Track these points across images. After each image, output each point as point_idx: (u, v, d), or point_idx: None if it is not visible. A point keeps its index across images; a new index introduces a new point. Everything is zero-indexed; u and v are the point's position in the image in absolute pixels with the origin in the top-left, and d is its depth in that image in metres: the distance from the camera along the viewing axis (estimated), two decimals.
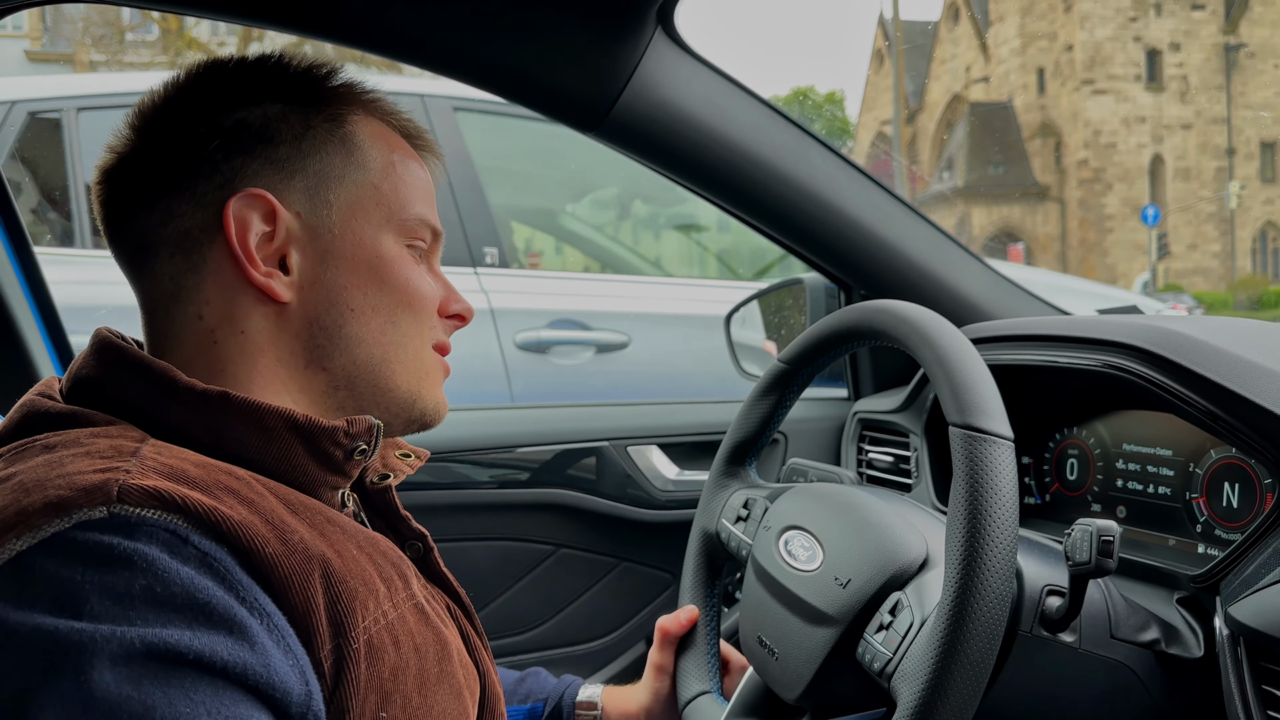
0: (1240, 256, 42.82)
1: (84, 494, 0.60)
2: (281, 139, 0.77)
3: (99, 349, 0.73)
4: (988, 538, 0.72)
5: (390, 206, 0.81)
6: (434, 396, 0.84)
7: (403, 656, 0.71)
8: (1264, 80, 44.05)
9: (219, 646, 0.58)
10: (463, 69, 1.15)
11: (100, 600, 0.56)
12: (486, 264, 3.06)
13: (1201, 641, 0.91)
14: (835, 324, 0.98)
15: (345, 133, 0.80)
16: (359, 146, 0.80)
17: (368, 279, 0.79)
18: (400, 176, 0.82)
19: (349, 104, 0.82)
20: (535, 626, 1.52)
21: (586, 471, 1.53)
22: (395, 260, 0.80)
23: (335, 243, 0.78)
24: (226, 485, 0.66)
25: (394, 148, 0.83)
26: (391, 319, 0.80)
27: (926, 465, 1.29)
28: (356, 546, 0.73)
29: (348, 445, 0.75)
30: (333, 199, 0.78)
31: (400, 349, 0.80)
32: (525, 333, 2.97)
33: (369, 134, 0.81)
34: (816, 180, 1.32)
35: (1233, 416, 0.92)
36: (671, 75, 1.19)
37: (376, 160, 0.81)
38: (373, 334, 0.79)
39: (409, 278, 0.81)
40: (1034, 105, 43.47)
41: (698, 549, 1.10)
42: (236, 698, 0.58)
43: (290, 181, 0.77)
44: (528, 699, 1.09)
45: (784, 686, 0.89)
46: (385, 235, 0.80)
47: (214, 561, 0.61)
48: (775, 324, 1.79)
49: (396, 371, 0.80)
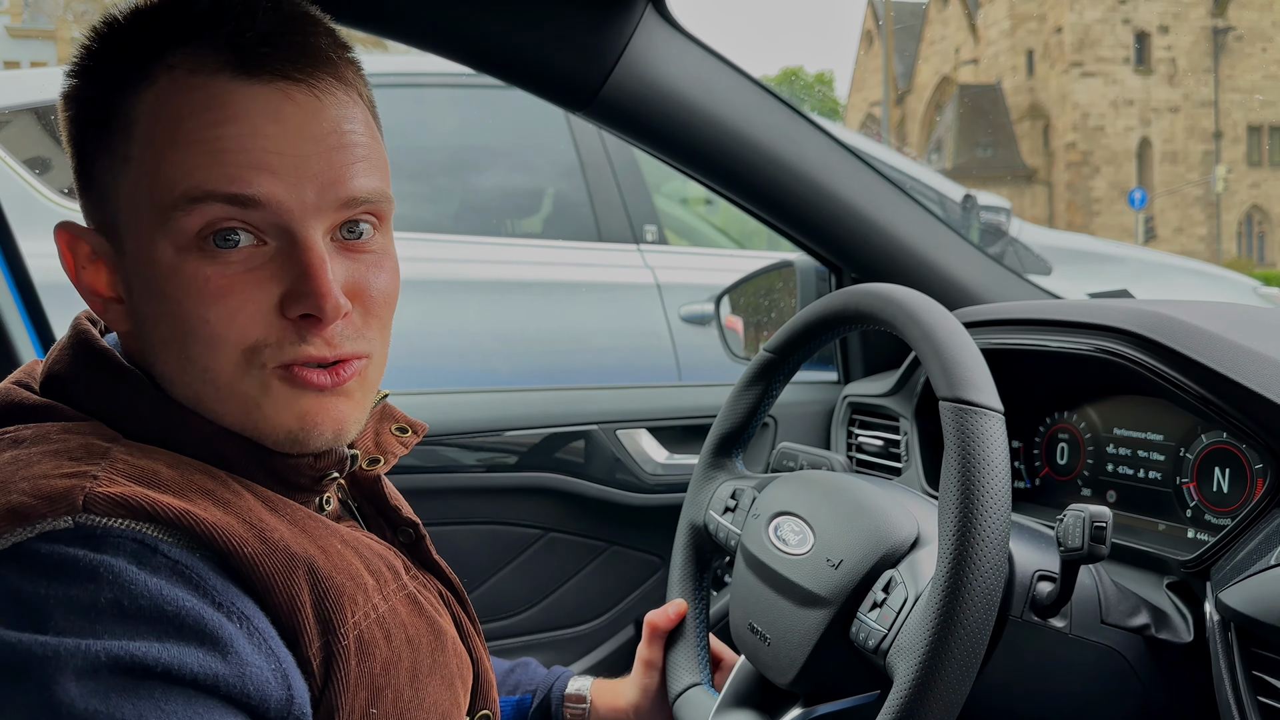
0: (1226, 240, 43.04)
1: (48, 502, 0.58)
2: (75, 141, 0.68)
3: (74, 342, 0.71)
4: (981, 508, 0.72)
5: (153, 194, 0.63)
6: (279, 423, 0.67)
7: (395, 650, 0.70)
8: (1252, 63, 44.16)
9: (189, 658, 0.56)
10: (452, 46, 1.13)
11: (65, 614, 0.55)
12: (648, 240, 3.15)
13: (1191, 627, 0.91)
14: (822, 309, 0.98)
15: (120, 123, 0.65)
16: (129, 133, 0.64)
17: (154, 304, 0.65)
18: (162, 153, 0.63)
19: (149, 60, 0.65)
20: (523, 610, 1.52)
21: (575, 455, 1.52)
22: (172, 273, 0.64)
23: (128, 262, 0.67)
24: (201, 486, 0.64)
25: (178, 99, 0.63)
26: (184, 352, 0.65)
27: (916, 449, 1.28)
28: (341, 541, 0.71)
29: (314, 475, 0.71)
30: (115, 207, 0.66)
31: (207, 384, 0.66)
32: (689, 306, 3.04)
33: (148, 109, 0.64)
34: (808, 161, 1.31)
35: (1224, 401, 0.92)
36: (662, 54, 1.18)
37: (141, 143, 0.64)
38: (175, 372, 0.67)
39: (185, 296, 0.63)
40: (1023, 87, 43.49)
41: (686, 541, 1.10)
42: (209, 705, 0.57)
43: (89, 194, 0.68)
44: (516, 690, 1.08)
45: (776, 672, 0.89)
46: (160, 239, 0.64)
47: (185, 569, 0.59)
48: (765, 306, 1.78)
49: (219, 411, 0.67)
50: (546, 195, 3.48)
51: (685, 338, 3.06)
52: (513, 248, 3.25)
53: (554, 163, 3.31)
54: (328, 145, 0.66)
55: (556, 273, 3.11)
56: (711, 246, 3.84)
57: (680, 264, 3.23)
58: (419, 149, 3.26)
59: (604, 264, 3.13)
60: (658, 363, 3.04)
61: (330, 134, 0.66)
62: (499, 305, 3.01)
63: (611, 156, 3.15)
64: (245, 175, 0.63)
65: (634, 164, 3.21)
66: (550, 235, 3.41)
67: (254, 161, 0.63)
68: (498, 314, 2.98)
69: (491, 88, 3.02)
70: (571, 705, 1.06)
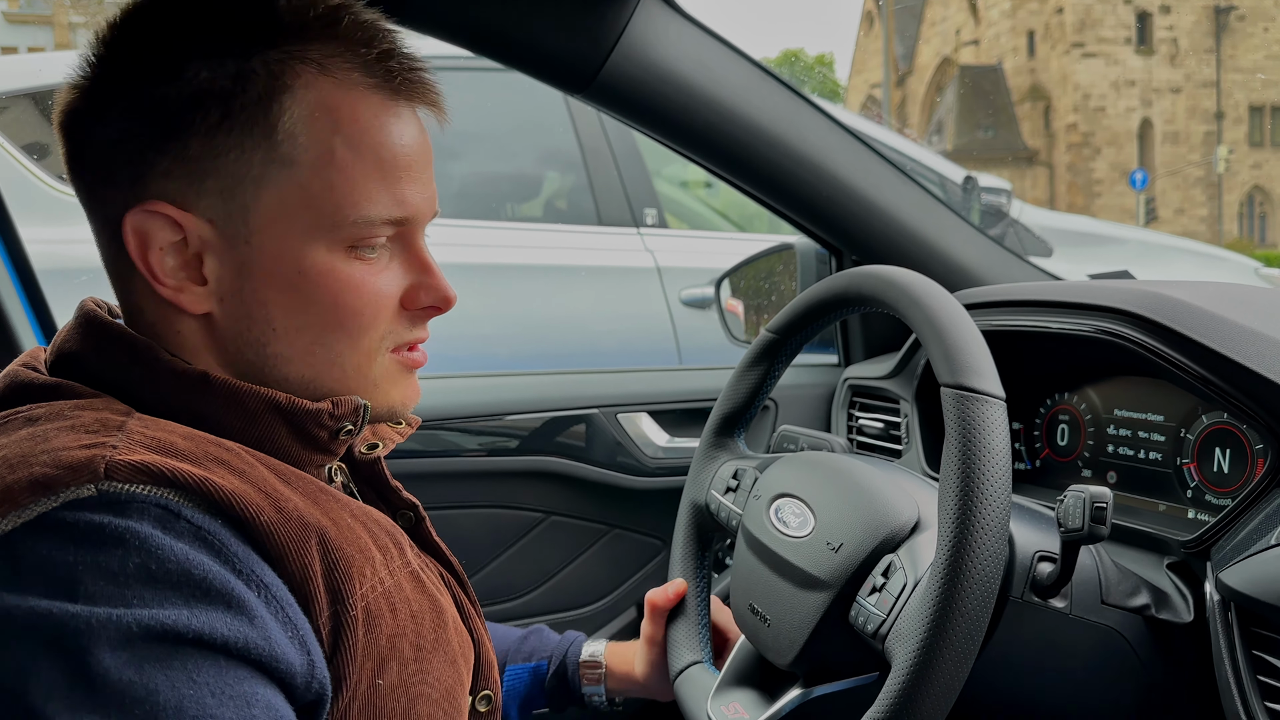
0: (1227, 221, 42.94)
1: (70, 472, 0.58)
2: (194, 130, 0.66)
3: (83, 322, 0.71)
4: (981, 495, 0.72)
5: (321, 210, 0.68)
6: (389, 400, 0.76)
7: (400, 623, 0.71)
8: (1254, 43, 43.94)
9: (218, 623, 0.57)
10: (449, 29, 1.13)
11: (95, 581, 0.55)
12: (648, 224, 3.16)
13: (1191, 607, 0.91)
14: (824, 291, 0.97)
15: (272, 122, 0.67)
16: (287, 136, 0.67)
17: (290, 295, 0.69)
18: (339, 170, 0.68)
19: (290, 58, 0.67)
20: (525, 593, 1.52)
21: (576, 439, 1.52)
22: (325, 275, 0.70)
23: (253, 254, 0.69)
24: (216, 456, 0.64)
25: (340, 126, 0.68)
26: (320, 340, 0.71)
27: (917, 431, 1.28)
28: (351, 515, 0.72)
29: (332, 426, 0.73)
30: (250, 203, 0.68)
31: (334, 367, 0.73)
32: (689, 290, 3.05)
33: (306, 113, 0.67)
34: (808, 143, 1.30)
35: (1225, 381, 0.91)
36: (661, 35, 1.17)
37: (309, 153, 0.68)
38: (300, 354, 0.71)
39: (339, 295, 0.70)
40: (1024, 68, 43.29)
41: (687, 521, 1.10)
42: (240, 675, 0.58)
43: (202, 184, 0.67)
44: (531, 657, 1.09)
45: (776, 653, 0.89)
46: (314, 245, 0.69)
47: (208, 535, 0.60)
48: (765, 289, 1.78)
49: (335, 387, 0.73)
50: (546, 179, 3.47)
51: (685, 321, 3.06)
52: (513, 231, 3.24)
53: (553, 146, 3.30)
54: (431, 164, 0.75)
55: (557, 256, 3.10)
56: (712, 230, 3.83)
57: (680, 247, 3.23)
58: None
59: (604, 248, 3.13)
60: (658, 346, 3.04)
61: (430, 153, 0.75)
62: (499, 289, 3.00)
63: (611, 140, 3.15)
64: (406, 197, 0.72)
65: (634, 147, 3.21)
66: (550, 219, 3.40)
67: (410, 178, 0.72)
68: (498, 298, 2.98)
69: (490, 71, 3.01)
70: (587, 670, 1.08)
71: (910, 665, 0.72)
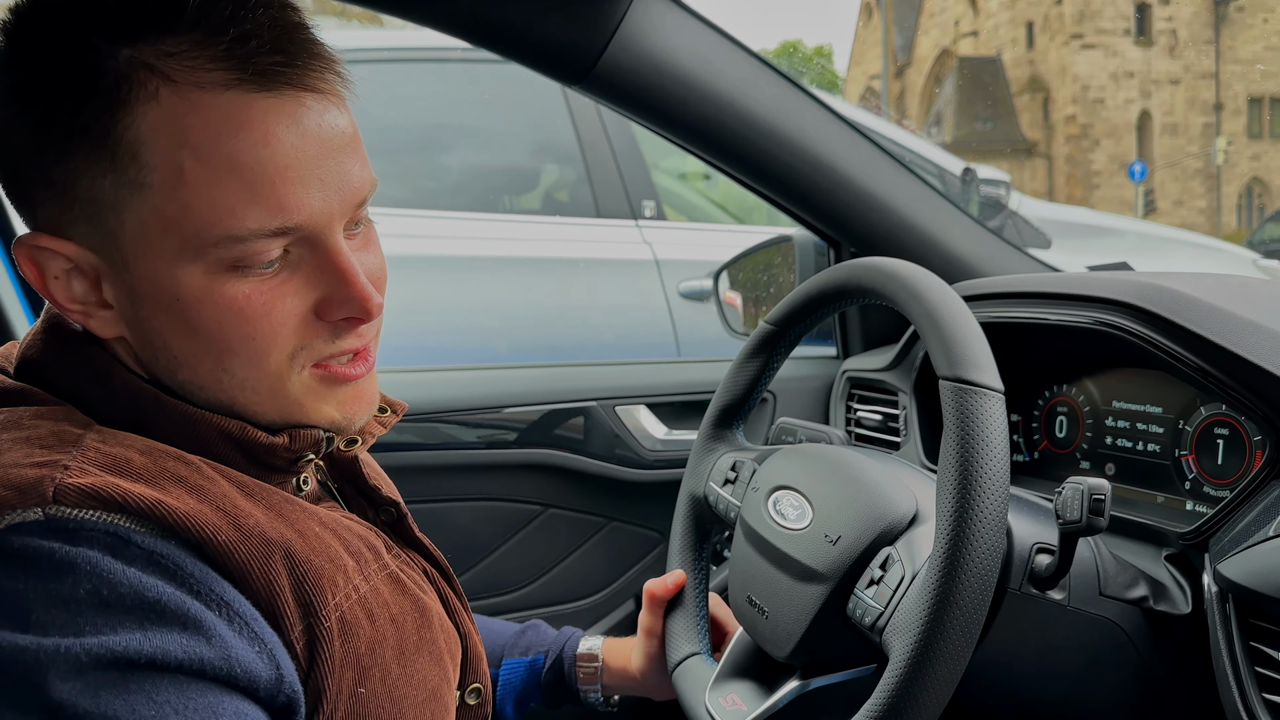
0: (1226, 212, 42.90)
1: (18, 493, 0.58)
2: (50, 157, 0.61)
3: (47, 329, 0.70)
4: (979, 488, 0.72)
5: (182, 232, 0.61)
6: (323, 416, 0.71)
7: (379, 629, 0.70)
8: (1253, 34, 43.87)
9: (172, 645, 0.56)
10: (446, 20, 1.12)
11: (45, 609, 0.55)
12: (646, 216, 3.15)
13: (1189, 598, 0.91)
14: (822, 283, 0.97)
15: (115, 138, 0.60)
16: (131, 155, 0.60)
17: (175, 322, 0.64)
18: (192, 189, 0.60)
19: (133, 65, 0.60)
20: (523, 586, 1.52)
21: (574, 431, 1.52)
22: (203, 299, 0.63)
23: (134, 281, 0.64)
24: (174, 473, 0.63)
25: (188, 139, 0.60)
26: (221, 365, 0.66)
27: (915, 423, 1.28)
28: (319, 523, 0.71)
29: (290, 457, 0.71)
30: (116, 229, 0.63)
31: (245, 390, 0.67)
32: (688, 282, 3.05)
33: (150, 127, 0.60)
34: (806, 135, 1.30)
35: (1223, 373, 0.91)
36: (658, 26, 1.17)
37: (156, 173, 0.60)
38: (207, 381, 0.67)
39: (222, 319, 0.64)
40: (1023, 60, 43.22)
41: (686, 512, 1.10)
42: (202, 689, 0.57)
43: (71, 211, 0.63)
44: (528, 651, 1.09)
45: (774, 645, 0.90)
46: (187, 269, 0.63)
47: (161, 559, 0.59)
48: (763, 281, 1.78)
49: (257, 411, 0.69)
50: (544, 171, 3.46)
51: (684, 313, 3.05)
52: (511, 224, 3.24)
53: (551, 138, 3.29)
54: (342, 151, 0.66)
55: (555, 249, 3.10)
56: (710, 222, 3.82)
57: (679, 240, 3.23)
58: (415, 125, 3.24)
59: (602, 240, 3.13)
60: (656, 339, 3.04)
61: (339, 138, 0.66)
62: (497, 282, 3.00)
63: (609, 132, 3.14)
64: (286, 203, 0.62)
65: (632, 139, 3.20)
66: (548, 211, 3.40)
67: (290, 180, 0.62)
68: (496, 290, 2.98)
69: (489, 62, 3.00)
70: (584, 665, 1.07)
71: (908, 657, 0.72)
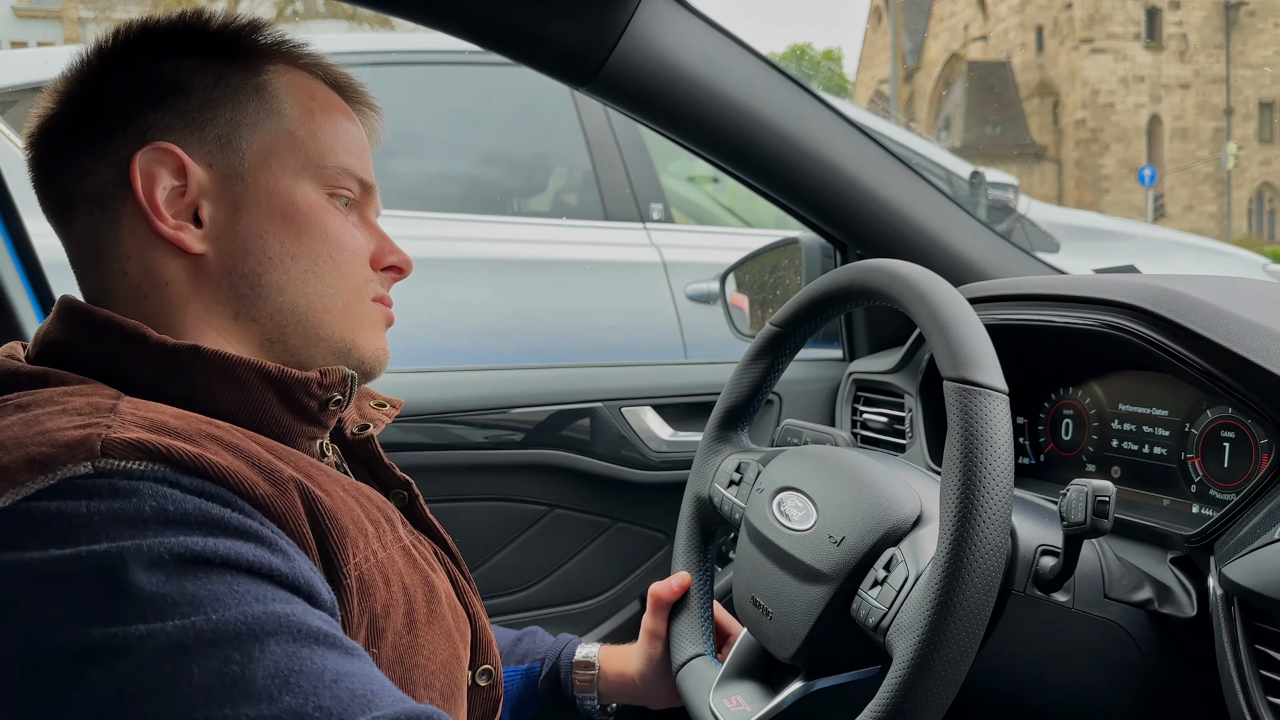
0: (1236, 217, 42.75)
1: (67, 449, 0.59)
2: (193, 89, 0.76)
3: (65, 313, 0.73)
4: (983, 490, 0.72)
5: (308, 153, 0.79)
6: (371, 345, 0.82)
7: (393, 594, 0.72)
8: (1264, 39, 43.71)
9: (244, 550, 0.59)
10: (454, 23, 1.13)
11: (113, 525, 0.56)
12: (654, 219, 3.16)
13: (1195, 601, 0.91)
14: (828, 285, 0.97)
15: (260, 81, 0.78)
16: (274, 95, 0.78)
17: (283, 226, 0.77)
18: (319, 125, 0.80)
19: (267, 56, 0.80)
20: (529, 586, 1.53)
21: (580, 432, 1.52)
22: (313, 208, 0.78)
23: (248, 190, 0.76)
24: (209, 433, 0.65)
25: (315, 98, 0.81)
26: (313, 267, 0.78)
27: (921, 425, 1.28)
28: (343, 489, 0.73)
29: (322, 396, 0.75)
30: (245, 146, 0.76)
31: (327, 298, 0.78)
32: (694, 284, 3.06)
33: (287, 83, 0.80)
34: (813, 137, 1.30)
35: (1230, 376, 0.91)
36: (666, 28, 1.17)
37: (293, 108, 0.79)
38: (294, 282, 0.77)
39: (327, 226, 0.78)
40: (1032, 64, 43.11)
41: (690, 514, 1.10)
42: (274, 588, 0.59)
43: (202, 132, 0.75)
44: (525, 659, 1.09)
45: (778, 646, 0.90)
46: (302, 182, 0.78)
47: (213, 495, 0.61)
48: (770, 283, 1.78)
49: (325, 321, 0.78)
50: (553, 174, 3.47)
51: (691, 315, 3.05)
52: (519, 226, 3.24)
53: (560, 141, 3.30)
54: None
55: (563, 251, 3.10)
56: (718, 225, 3.82)
57: (686, 242, 3.23)
58: (424, 128, 3.24)
59: (610, 242, 3.13)
60: (663, 341, 3.04)
61: None
62: (505, 284, 3.00)
63: (617, 134, 3.14)
64: (367, 169, 0.83)
65: (640, 142, 3.20)
66: (557, 214, 3.40)
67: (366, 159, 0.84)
68: (504, 292, 2.98)
69: (498, 65, 3.01)
70: (580, 672, 1.07)
71: (911, 659, 0.72)
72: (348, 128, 0.82)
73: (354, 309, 0.80)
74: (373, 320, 0.82)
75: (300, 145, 0.78)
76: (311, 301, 0.78)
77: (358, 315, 0.80)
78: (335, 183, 0.80)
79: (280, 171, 0.77)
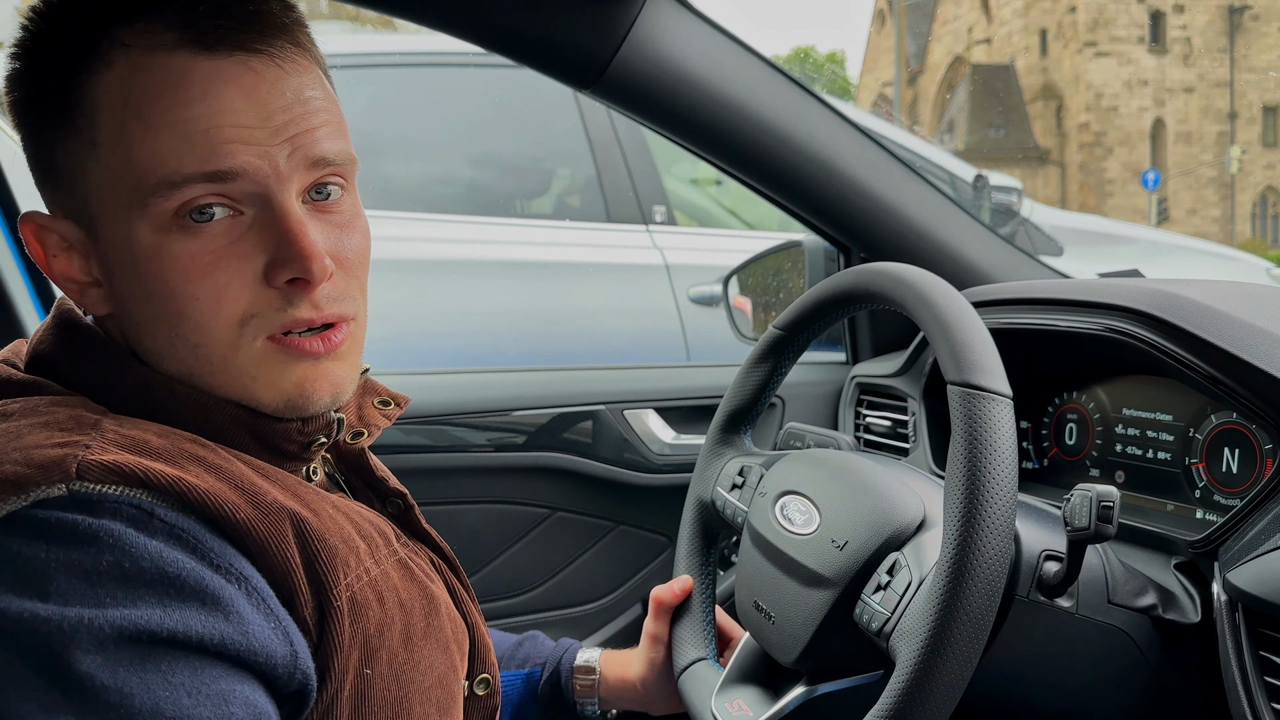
0: (1240, 221, 42.70)
1: (41, 470, 0.58)
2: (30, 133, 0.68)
3: (58, 323, 0.71)
4: (987, 494, 0.71)
5: (126, 183, 0.64)
6: (276, 391, 0.69)
7: (388, 612, 0.71)
8: (1268, 43, 43.68)
9: (192, 621, 0.57)
10: (457, 24, 1.12)
11: (67, 579, 0.55)
12: (657, 221, 3.17)
13: (1199, 607, 0.90)
14: (831, 288, 0.97)
15: (73, 108, 0.65)
16: (88, 118, 0.64)
17: (135, 284, 0.66)
18: (132, 142, 0.63)
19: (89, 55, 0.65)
20: (531, 589, 1.53)
21: (583, 435, 1.52)
22: (154, 255, 0.65)
23: (103, 246, 0.67)
24: (191, 454, 0.64)
25: (131, 98, 0.63)
26: (174, 330, 0.67)
27: (924, 429, 1.28)
28: (332, 507, 0.72)
29: (303, 441, 0.72)
30: (84, 193, 0.66)
31: (199, 360, 0.67)
32: (698, 287, 3.06)
33: (102, 91, 0.64)
34: (817, 140, 1.30)
35: (1235, 381, 0.91)
36: (670, 31, 1.17)
37: (105, 130, 0.64)
38: (166, 349, 0.68)
39: (171, 277, 0.65)
40: (1036, 67, 43.11)
41: (693, 517, 1.10)
42: (217, 673, 0.57)
43: (55, 183, 0.68)
44: (525, 663, 1.09)
45: (781, 650, 0.89)
46: (137, 223, 0.64)
47: (182, 533, 0.60)
48: (773, 286, 1.78)
49: (213, 382, 0.68)
50: (555, 176, 3.47)
51: (694, 318, 3.05)
52: (522, 228, 3.25)
53: (563, 143, 3.30)
54: (293, 112, 0.67)
55: (565, 254, 3.11)
56: (722, 227, 3.82)
57: (689, 245, 3.23)
58: (427, 130, 3.25)
59: (613, 245, 3.13)
60: (666, 343, 3.04)
61: (294, 101, 0.67)
62: (508, 286, 3.01)
63: (620, 137, 3.15)
64: (219, 151, 0.64)
65: (643, 144, 3.21)
66: (559, 216, 3.40)
67: (225, 137, 0.64)
68: (507, 294, 2.98)
69: (501, 67, 3.01)
70: (581, 677, 1.06)
71: (914, 664, 0.72)
72: (183, 112, 0.63)
73: (231, 361, 0.67)
74: (266, 365, 0.68)
75: (117, 177, 0.64)
76: (190, 366, 0.68)
77: (241, 367, 0.68)
78: (169, 203, 0.63)
79: (115, 215, 0.65)
